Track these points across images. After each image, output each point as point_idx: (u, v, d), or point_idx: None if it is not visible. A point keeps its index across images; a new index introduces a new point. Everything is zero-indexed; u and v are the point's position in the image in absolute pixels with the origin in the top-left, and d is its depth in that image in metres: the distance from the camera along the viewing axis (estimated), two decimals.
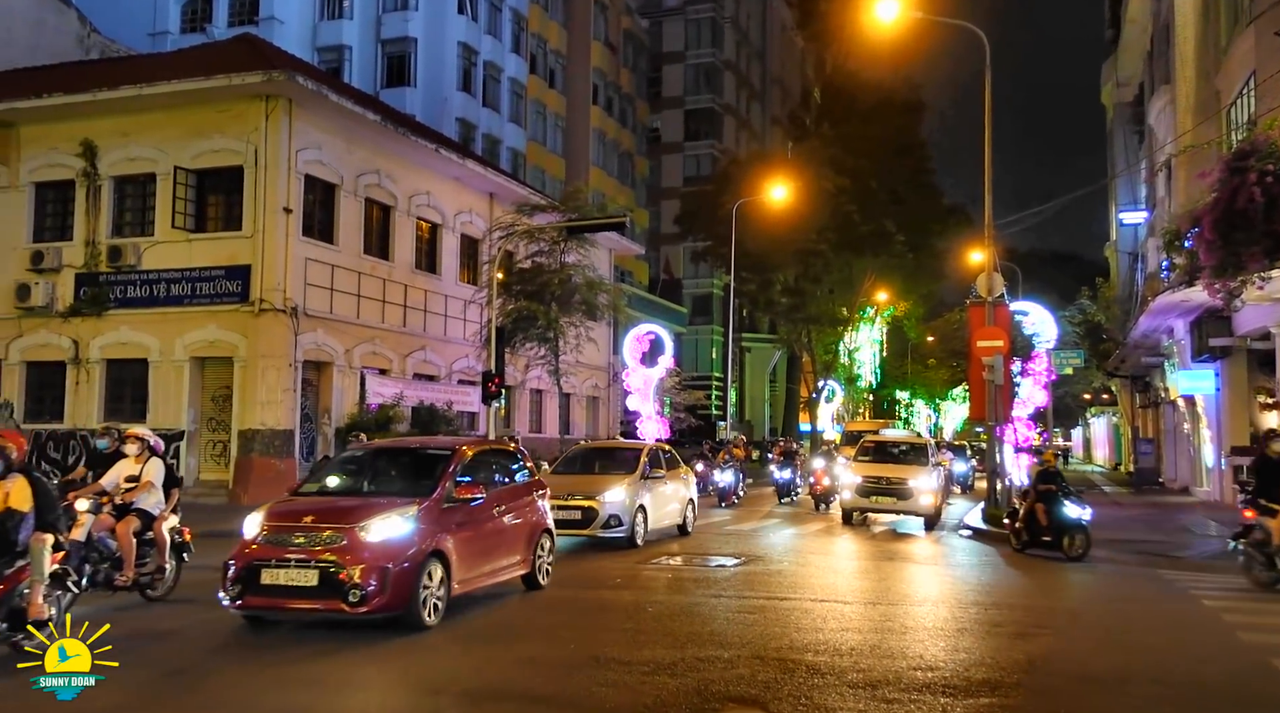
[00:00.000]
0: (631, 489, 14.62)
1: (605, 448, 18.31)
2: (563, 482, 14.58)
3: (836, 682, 6.95)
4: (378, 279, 24.60)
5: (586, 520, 14.08)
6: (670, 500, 15.98)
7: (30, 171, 23.12)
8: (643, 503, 14.74)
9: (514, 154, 47.11)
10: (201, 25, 42.68)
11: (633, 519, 14.38)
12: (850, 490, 18.71)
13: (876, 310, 53.16)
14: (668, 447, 17.69)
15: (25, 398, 22.81)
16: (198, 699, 6.61)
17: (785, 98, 71.85)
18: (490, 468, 10.60)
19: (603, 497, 14.26)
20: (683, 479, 16.90)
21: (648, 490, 15.00)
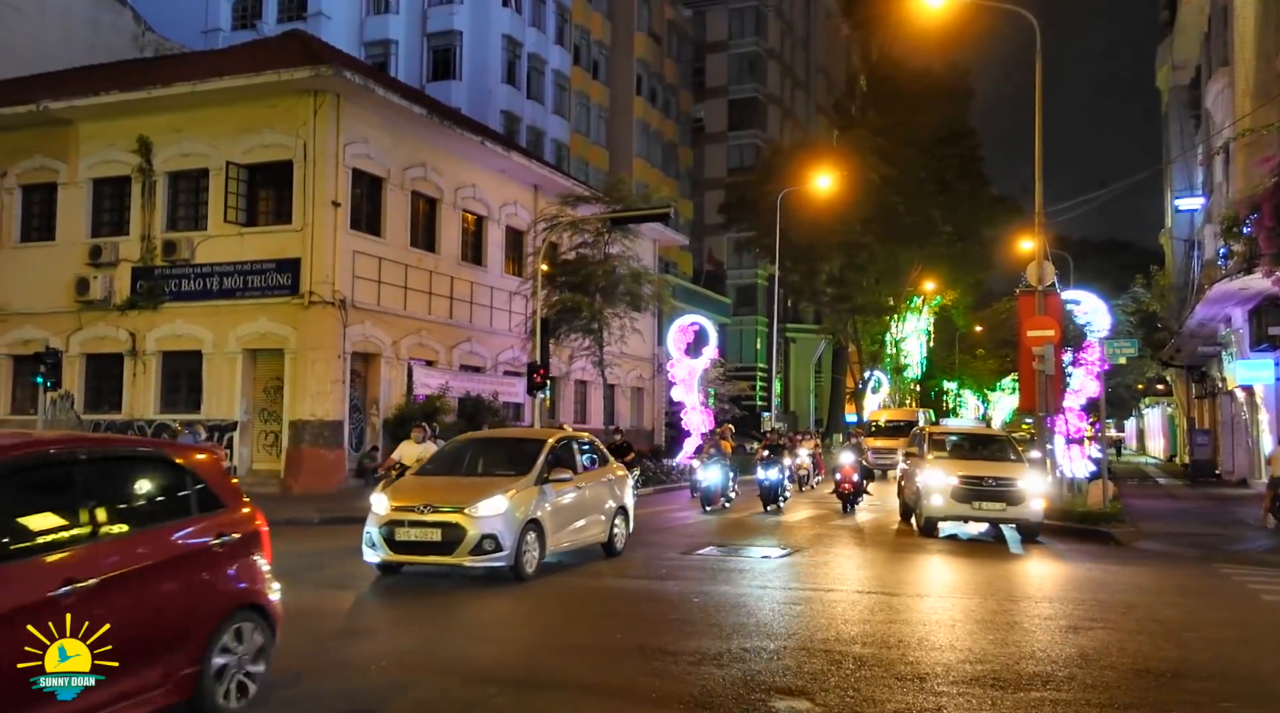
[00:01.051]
0: (519, 498, 10.65)
1: (494, 440, 13.75)
2: (421, 487, 11.15)
3: (884, 674, 6.91)
4: (424, 271, 24.83)
5: (448, 544, 10.19)
6: (587, 511, 12.02)
7: (88, 168, 23.66)
8: (537, 517, 10.77)
9: (558, 146, 47.23)
10: (252, 22, 43.35)
11: (518, 541, 10.38)
12: (941, 495, 15.22)
13: (923, 300, 52.59)
14: (588, 437, 13.62)
15: (85, 389, 23.38)
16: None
17: (830, 86, 71.20)
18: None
19: (474, 509, 10.27)
20: (609, 482, 12.86)
21: (547, 499, 11.08)
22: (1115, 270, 51.27)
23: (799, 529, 16.81)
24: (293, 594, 8.55)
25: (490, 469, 11.78)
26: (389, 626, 8.98)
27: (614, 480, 13.08)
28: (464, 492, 10.70)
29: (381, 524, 10.48)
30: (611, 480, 12.99)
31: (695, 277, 56.07)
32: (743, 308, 58.63)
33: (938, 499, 15.30)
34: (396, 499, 10.68)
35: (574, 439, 12.69)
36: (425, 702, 6.25)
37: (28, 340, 23.24)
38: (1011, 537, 15.47)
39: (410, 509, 10.45)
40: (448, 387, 24.58)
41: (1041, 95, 20.02)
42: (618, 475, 13.34)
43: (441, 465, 12.08)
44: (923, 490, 15.61)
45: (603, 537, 12.48)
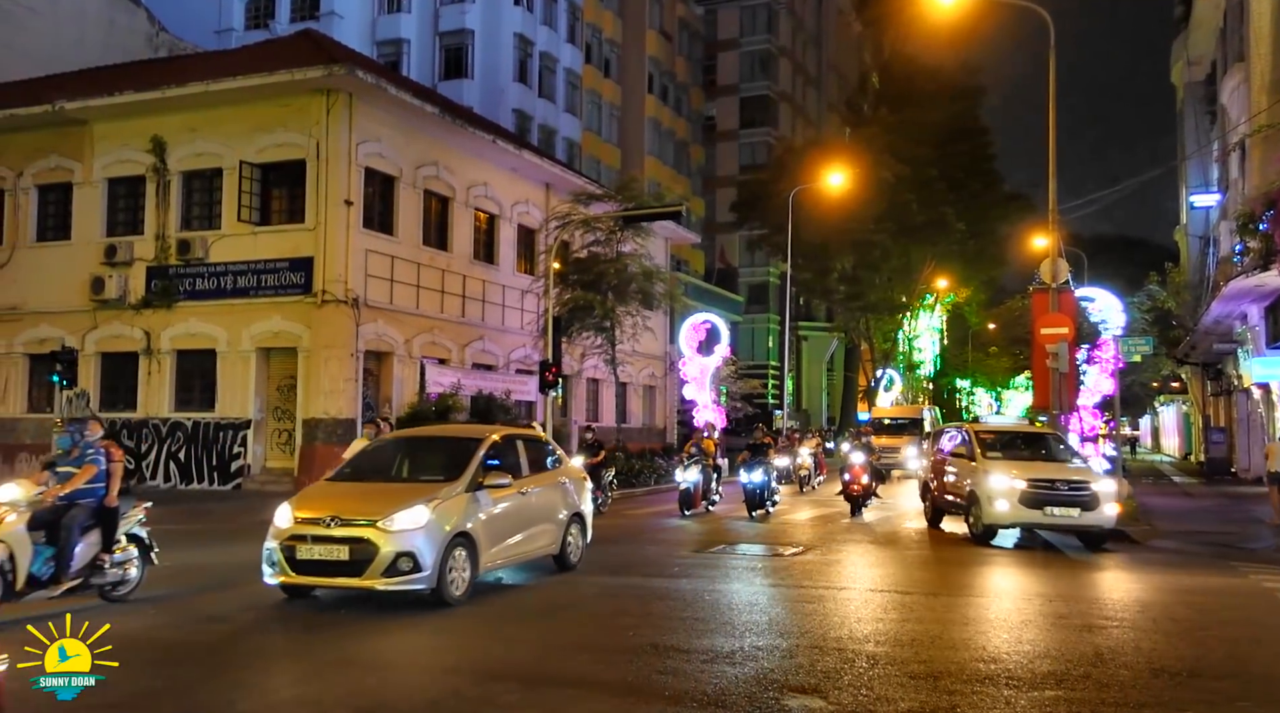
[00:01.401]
0: (445, 508, 9.08)
1: (425, 439, 11.71)
2: (332, 495, 9.57)
3: (897, 672, 6.90)
4: (436, 270, 24.89)
5: (357, 564, 8.62)
6: (533, 519, 10.49)
7: (103, 168, 23.80)
8: (467, 529, 9.22)
9: (569, 144, 47.25)
10: (264, 22, 43.50)
11: (441, 559, 8.81)
12: (1007, 500, 13.84)
13: (936, 297, 52.45)
14: (537, 434, 12.38)
15: (100, 388, 23.54)
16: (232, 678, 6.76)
17: (842, 84, 71.01)
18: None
19: (389, 522, 8.70)
20: (562, 485, 11.35)
21: (481, 508, 9.54)
22: (1130, 268, 51.01)
23: (796, 533, 16.76)
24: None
25: (417, 474, 10.20)
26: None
27: (569, 484, 11.52)
28: (379, 501, 9.07)
29: (282, 540, 8.91)
30: (566, 484, 11.44)
31: (707, 275, 56.03)
32: (755, 306, 58.56)
33: (1002, 505, 13.89)
34: (301, 510, 9.12)
35: (520, 437, 11.17)
36: (428, 697, 6.26)
37: (44, 339, 23.41)
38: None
39: (315, 522, 8.86)
40: (460, 385, 24.62)
41: (1055, 91, 19.91)
42: (574, 479, 11.79)
43: (361, 470, 10.34)
44: (983, 494, 14.12)
45: (553, 548, 10.94)
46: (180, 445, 22.56)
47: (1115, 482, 15.48)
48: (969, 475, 14.89)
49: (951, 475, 15.78)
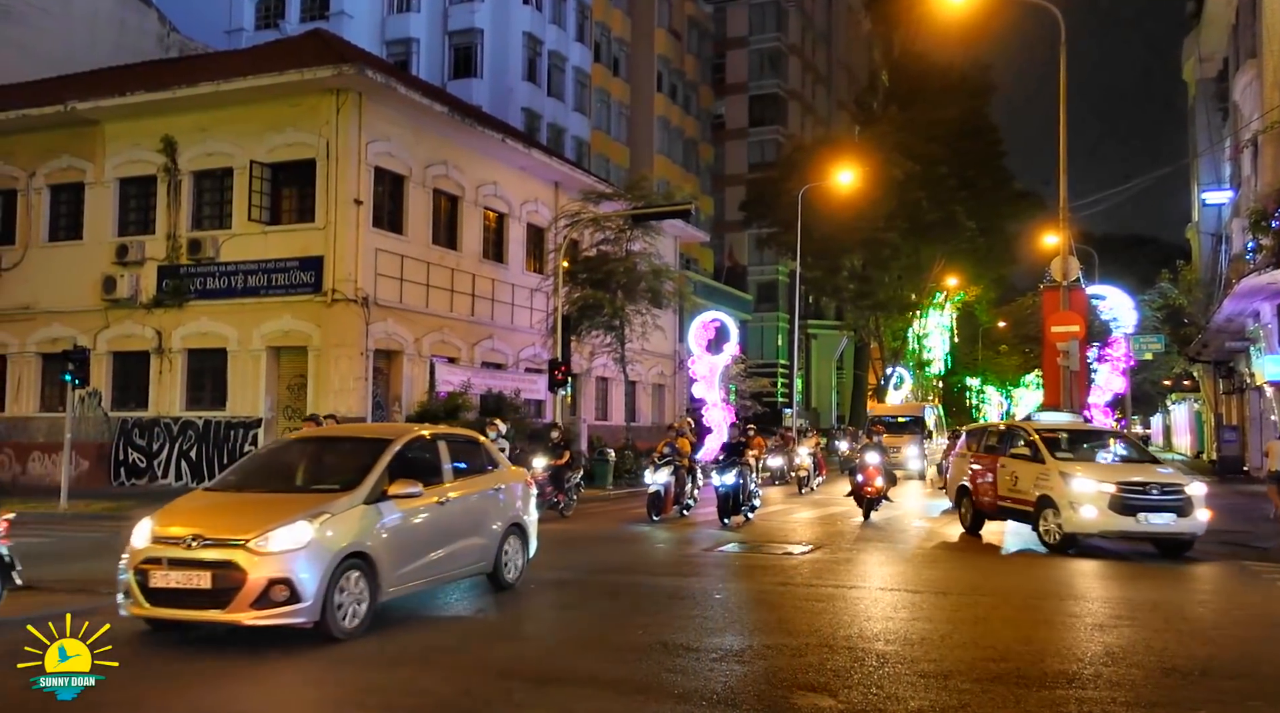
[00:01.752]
0: (334, 523, 7.55)
1: (324, 441, 9.94)
2: (202, 509, 8.06)
3: (907, 671, 6.88)
4: (446, 269, 24.93)
5: (222, 593, 7.14)
6: (458, 533, 9.00)
7: (115, 167, 23.91)
8: (364, 548, 7.72)
9: (579, 143, 47.27)
10: (275, 21, 43.63)
11: (327, 584, 7.31)
12: (1094, 506, 12.66)
13: (946, 296, 52.31)
14: (466, 434, 10.59)
15: (112, 387, 23.66)
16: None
17: (851, 82, 70.85)
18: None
19: (261, 542, 7.23)
20: (498, 493, 9.80)
21: (385, 521, 8.02)
22: (1141, 265, 50.80)
23: (801, 540, 16.69)
24: None
25: (311, 482, 8.63)
26: None
27: (506, 491, 9.96)
28: (256, 515, 7.52)
29: (136, 564, 7.39)
30: (502, 491, 9.87)
31: (716, 273, 56.01)
32: (764, 304, 58.50)
33: (1089, 511, 12.70)
34: (162, 526, 7.57)
35: (445, 437, 9.64)
36: (441, 695, 6.26)
37: (56, 338, 23.52)
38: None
39: (175, 542, 7.34)
40: (469, 384, 24.67)
41: (1065, 89, 19.86)
42: (513, 485, 10.21)
43: (248, 477, 8.74)
44: (1064, 500, 12.90)
45: (485, 565, 9.51)
46: (191, 444, 22.66)
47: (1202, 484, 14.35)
48: (1038, 479, 13.53)
49: (1011, 478, 14.32)
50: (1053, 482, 13.23)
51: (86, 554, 12.83)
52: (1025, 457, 14.24)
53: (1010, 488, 14.38)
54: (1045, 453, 13.88)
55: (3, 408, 24.38)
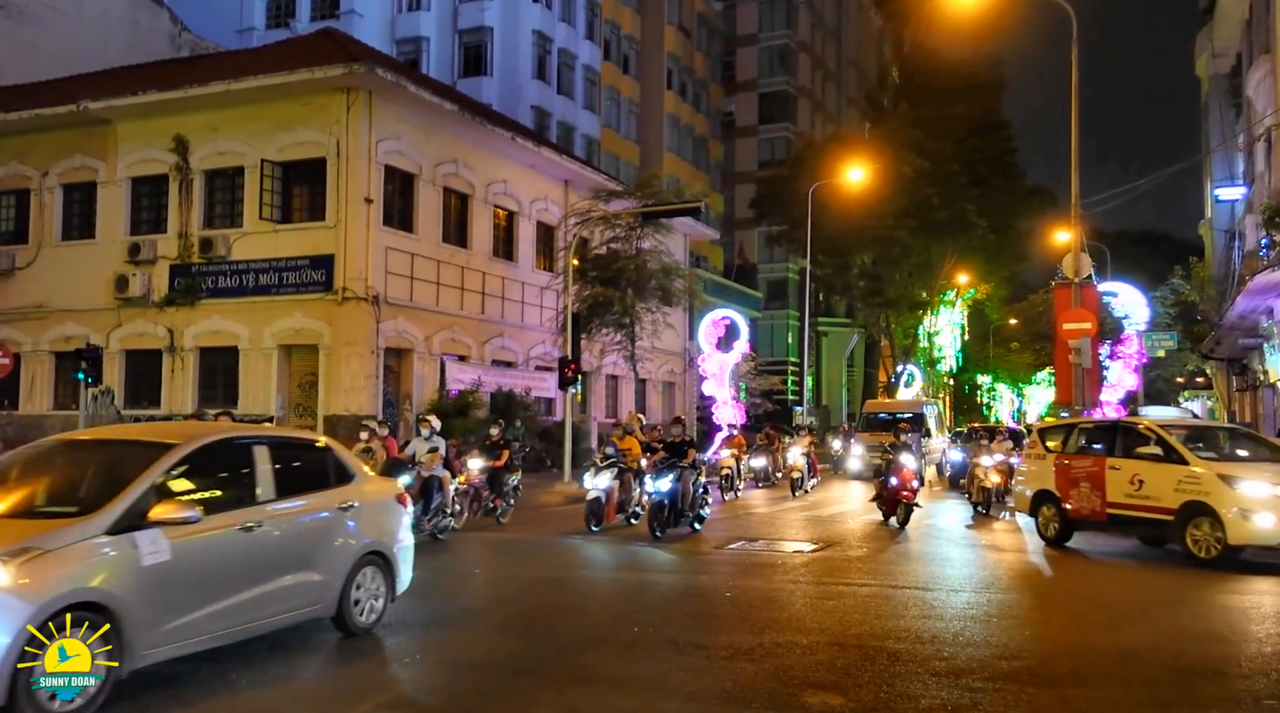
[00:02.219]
0: (49, 563, 5.52)
1: (90, 444, 7.52)
2: None
3: (919, 669, 6.86)
4: (456, 267, 24.97)
5: None
6: (278, 567, 6.91)
7: (127, 167, 24.02)
8: (103, 596, 5.68)
9: (588, 141, 47.27)
10: (285, 21, 43.76)
11: (19, 651, 5.22)
12: (1272, 513, 11.27)
13: (957, 293, 52.15)
14: (310, 438, 8.68)
15: (125, 385, 23.77)
16: None
17: (862, 79, 70.67)
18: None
19: None
20: (342, 513, 7.59)
21: (141, 558, 5.91)
22: (1154, 262, 50.53)
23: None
24: None
25: (52, 501, 6.43)
26: None
27: (361, 511, 7.70)
28: None
29: None
30: (353, 511, 7.63)
31: (726, 271, 55.94)
32: (774, 302, 58.41)
33: (1265, 519, 11.23)
34: None
35: (262, 440, 7.33)
36: (463, 693, 6.28)
37: (69, 337, 23.64)
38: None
39: None
40: (480, 382, 24.71)
41: (1077, 85, 19.75)
42: (374, 502, 7.97)
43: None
44: (1227, 506, 11.46)
45: (324, 606, 7.31)
46: None
47: None
48: (1181, 483, 12.01)
49: (1131, 483, 12.72)
50: (1207, 486, 11.71)
51: None
52: (1154, 458, 12.56)
53: (1130, 494, 12.70)
54: (1187, 453, 12.30)
55: (17, 406, 24.50)
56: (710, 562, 12.20)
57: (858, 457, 27.02)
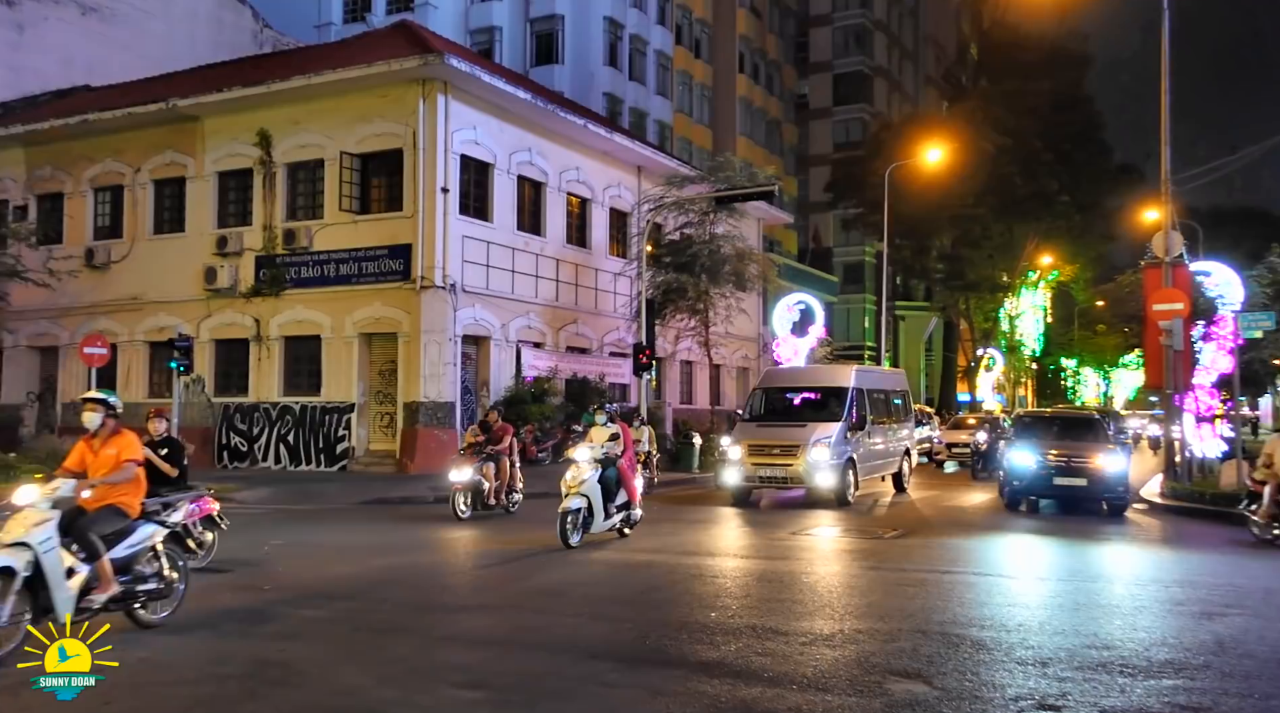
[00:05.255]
0: None
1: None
2: None
3: (1004, 658, 6.72)
4: (530, 255, 25.16)
5: None
6: None
7: (214, 162, 24.72)
8: None
9: (661, 126, 47.15)
10: (362, 15, 44.51)
11: None
12: None
13: (1040, 275, 50.81)
14: None
15: (215, 373, 24.54)
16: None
17: (940, 57, 69.09)
18: None
19: None
20: None
21: None
22: (1249, 240, 48.46)
23: None
24: None
25: None
26: None
27: None
28: None
29: None
30: None
31: (801, 255, 55.38)
32: (850, 286, 57.64)
33: None
34: None
35: None
36: (532, 675, 6.35)
37: (162, 327, 24.49)
38: (1142, 520, 14.76)
39: None
40: (556, 369, 24.90)
41: (1168, 54, 18.99)
42: None
43: None
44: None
45: None
46: (289, 428, 23.38)
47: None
48: None
49: None
50: None
51: None
52: None
53: None
54: None
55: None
56: (786, 547, 12.12)
57: (735, 464, 16.60)
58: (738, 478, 16.65)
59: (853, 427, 16.77)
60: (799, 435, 16.33)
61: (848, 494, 16.41)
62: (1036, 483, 15.75)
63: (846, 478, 16.31)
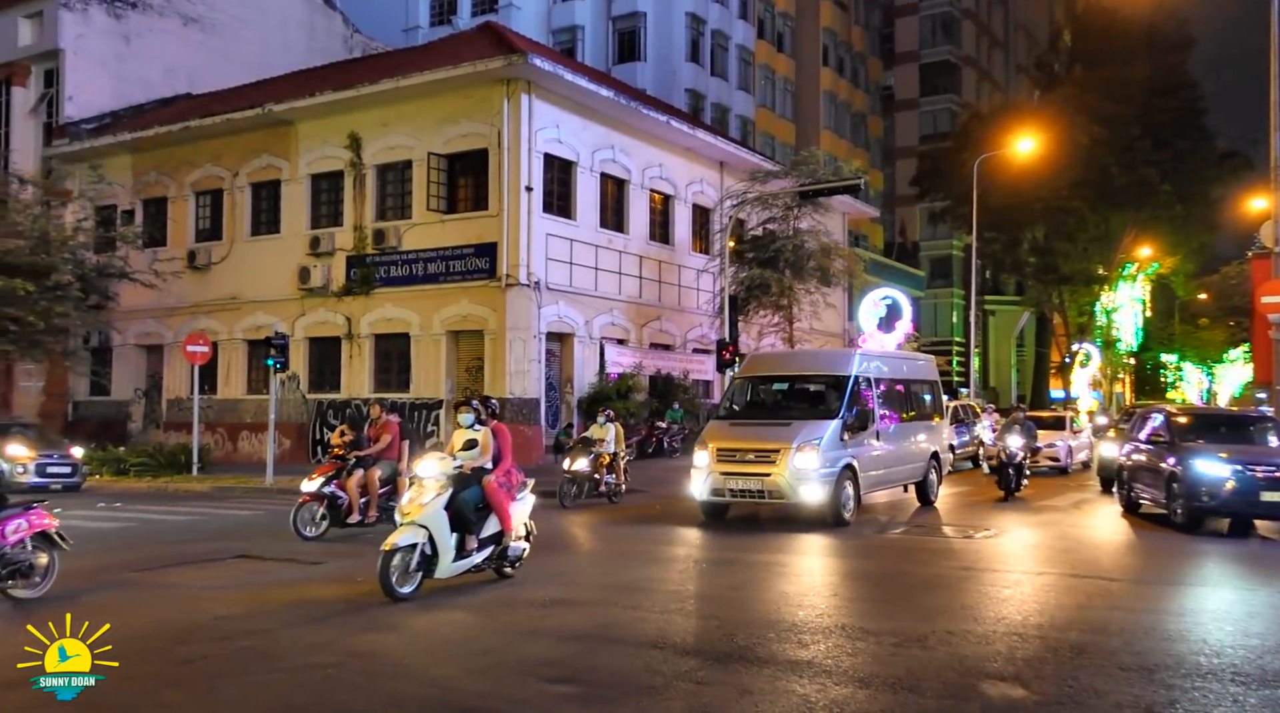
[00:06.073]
0: None
1: None
2: None
3: (1106, 663, 6.48)
4: (614, 252, 25.26)
5: None
6: None
7: (307, 164, 25.43)
8: None
9: (743, 122, 46.88)
10: (448, 17, 45.28)
11: None
12: None
13: (1138, 267, 48.98)
14: None
15: (309, 370, 25.26)
16: None
17: (1031, 44, 67.18)
18: None
19: None
20: None
21: None
22: None
23: None
24: None
25: None
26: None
27: None
28: None
29: None
30: None
31: (887, 249, 54.46)
32: (938, 280, 56.47)
33: None
34: None
35: None
36: (631, 672, 6.36)
37: (259, 326, 25.31)
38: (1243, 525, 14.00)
39: None
40: (640, 365, 24.96)
41: (1277, 31, 18.08)
42: None
43: None
44: None
45: None
46: None
47: None
48: None
49: None
50: None
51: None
52: None
53: None
54: None
55: (215, 391, 26.42)
56: (873, 547, 11.92)
57: (702, 472, 13.57)
58: (705, 491, 13.45)
59: (851, 426, 13.43)
60: (780, 437, 13.10)
61: (843, 512, 13.10)
62: (1236, 500, 12.42)
63: (842, 492, 13.07)
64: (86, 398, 29.19)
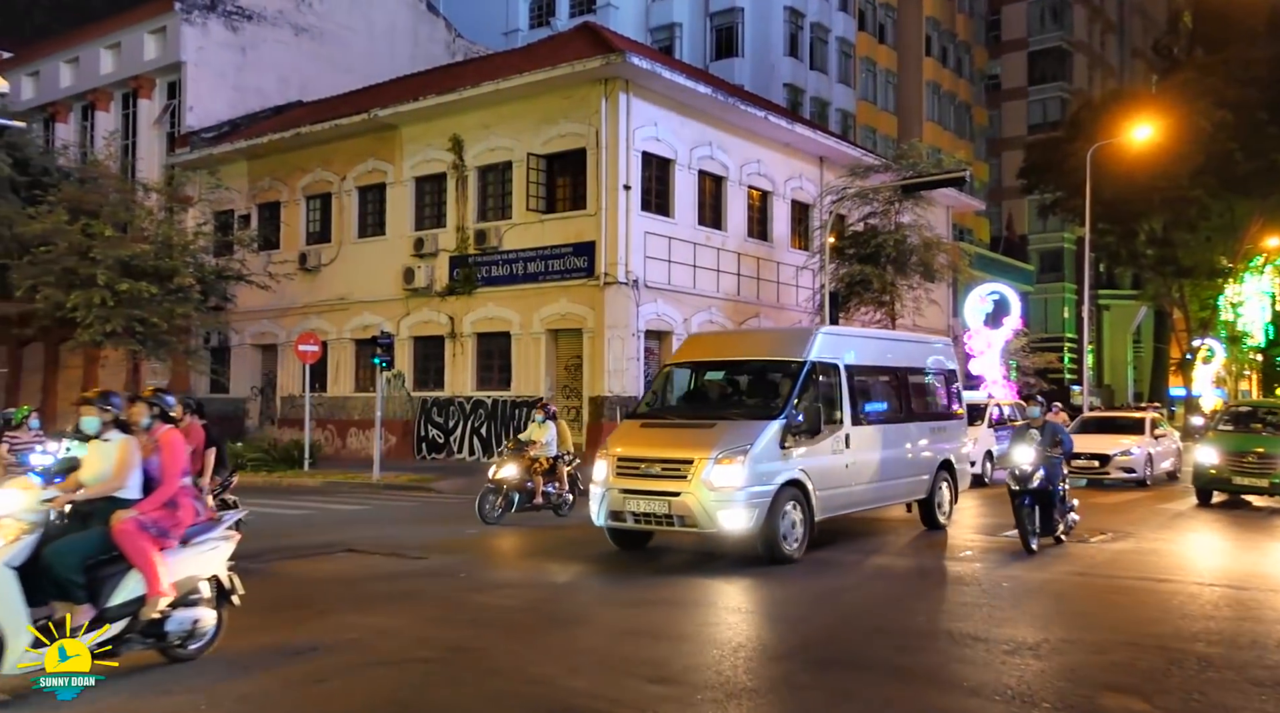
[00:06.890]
0: None
1: None
2: None
3: (1235, 677, 6.13)
4: (712, 249, 25.14)
5: None
6: None
7: (411, 168, 26.05)
8: None
9: (843, 115, 46.13)
10: (546, 19, 45.79)
11: None
12: None
13: (1266, 258, 46.37)
14: None
15: (413, 369, 25.86)
16: None
17: (1148, 27, 64.31)
18: None
19: None
20: None
21: None
22: None
23: None
24: None
25: None
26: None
27: None
28: None
29: None
30: None
31: (993, 243, 52.89)
32: (1048, 274, 54.59)
33: None
34: None
35: None
36: (725, 680, 6.29)
37: (366, 326, 26.02)
38: None
39: None
40: None
41: None
42: None
43: None
44: None
45: None
46: (482, 422, 24.35)
47: None
48: None
49: None
50: None
51: (399, 521, 14.12)
52: None
53: None
54: None
55: (326, 389, 27.30)
56: (982, 549, 11.55)
57: (600, 488, 10.51)
58: (603, 514, 10.37)
59: (797, 429, 10.26)
60: (697, 443, 9.97)
61: (783, 545, 9.96)
62: None
63: (782, 517, 9.96)
64: (206, 396, 30.52)
